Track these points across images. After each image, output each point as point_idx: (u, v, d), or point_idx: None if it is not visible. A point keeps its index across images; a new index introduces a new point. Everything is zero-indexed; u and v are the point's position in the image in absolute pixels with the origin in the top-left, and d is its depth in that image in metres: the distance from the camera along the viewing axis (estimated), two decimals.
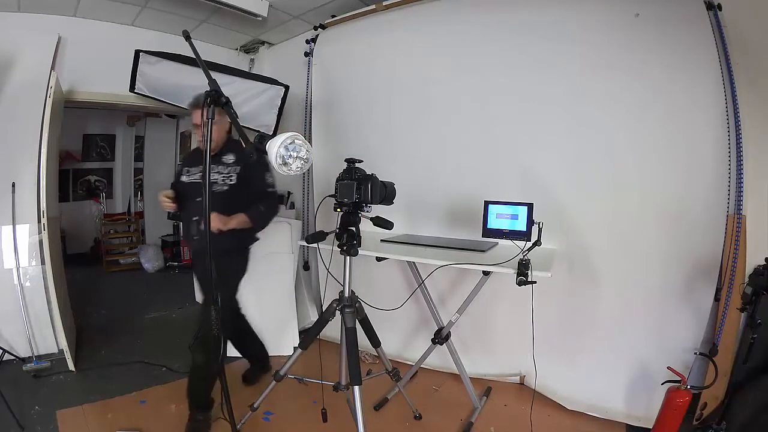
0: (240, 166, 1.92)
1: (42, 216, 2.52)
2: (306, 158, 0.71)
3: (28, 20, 2.71)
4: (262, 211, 1.96)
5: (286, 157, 0.70)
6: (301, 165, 0.71)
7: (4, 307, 2.63)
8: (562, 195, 2.16)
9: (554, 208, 2.09)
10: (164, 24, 3.08)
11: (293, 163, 0.71)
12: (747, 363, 1.70)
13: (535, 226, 1.70)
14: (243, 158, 1.91)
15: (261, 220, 1.99)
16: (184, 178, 2.03)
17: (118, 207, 6.19)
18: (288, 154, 0.70)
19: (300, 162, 0.72)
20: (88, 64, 2.93)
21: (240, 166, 1.92)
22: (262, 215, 1.97)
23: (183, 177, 2.04)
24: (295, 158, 0.70)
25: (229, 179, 1.92)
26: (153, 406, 2.21)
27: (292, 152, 0.70)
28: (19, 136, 2.65)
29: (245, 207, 1.91)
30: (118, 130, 6.13)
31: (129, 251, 5.58)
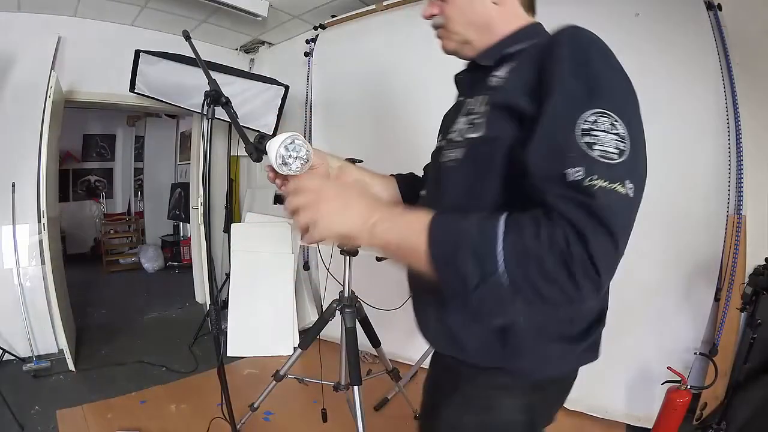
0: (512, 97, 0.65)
1: (42, 216, 2.52)
2: (306, 158, 0.71)
3: (28, 20, 2.71)
4: (527, 245, 0.52)
5: (286, 157, 0.70)
6: (300, 165, 0.71)
7: (4, 307, 2.63)
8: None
9: None
10: (164, 24, 3.08)
11: (293, 163, 0.71)
12: (747, 363, 1.70)
13: None
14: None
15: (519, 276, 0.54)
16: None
17: (118, 207, 6.19)
18: (288, 153, 0.70)
19: (300, 162, 0.71)
20: (88, 64, 2.93)
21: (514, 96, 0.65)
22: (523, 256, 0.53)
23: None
24: (295, 158, 0.70)
25: (470, 134, 0.69)
26: (153, 406, 2.21)
27: (292, 152, 0.69)
28: (19, 136, 2.65)
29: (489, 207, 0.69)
30: (118, 130, 6.12)
31: (129, 251, 5.58)
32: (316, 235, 0.60)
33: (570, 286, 0.47)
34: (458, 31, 0.74)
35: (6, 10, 2.64)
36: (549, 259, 0.47)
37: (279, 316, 2.89)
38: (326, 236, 0.60)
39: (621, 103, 0.54)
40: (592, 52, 0.57)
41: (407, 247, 0.56)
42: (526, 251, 0.48)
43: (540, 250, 0.47)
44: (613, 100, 0.53)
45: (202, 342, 3.00)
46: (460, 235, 0.52)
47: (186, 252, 5.22)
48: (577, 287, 0.47)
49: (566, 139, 0.51)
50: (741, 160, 1.79)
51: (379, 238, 0.58)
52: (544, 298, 0.49)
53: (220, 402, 1.73)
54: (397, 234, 0.57)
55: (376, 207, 0.60)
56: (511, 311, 0.54)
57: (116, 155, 6.18)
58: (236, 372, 2.61)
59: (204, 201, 1.68)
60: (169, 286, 4.58)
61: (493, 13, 0.72)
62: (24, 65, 2.66)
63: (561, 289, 0.48)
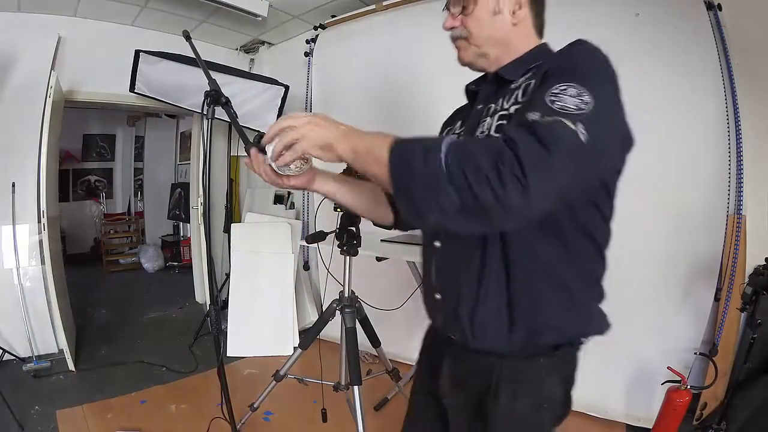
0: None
1: (42, 216, 2.53)
2: (306, 158, 0.71)
3: (28, 20, 2.71)
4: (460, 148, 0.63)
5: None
6: (300, 165, 0.72)
7: (4, 307, 2.63)
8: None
9: None
10: (164, 24, 3.08)
11: (292, 163, 0.71)
12: (747, 363, 1.70)
13: None
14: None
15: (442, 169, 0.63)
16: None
17: (118, 207, 6.19)
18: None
19: (300, 162, 0.72)
20: (88, 64, 2.93)
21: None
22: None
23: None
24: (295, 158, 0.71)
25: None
26: (153, 406, 2.21)
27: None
28: (19, 136, 2.65)
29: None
30: (118, 130, 6.13)
31: (129, 251, 5.59)
32: (299, 148, 0.69)
33: (497, 182, 0.53)
34: (480, 45, 0.82)
35: (6, 10, 2.64)
36: (482, 158, 0.55)
37: (279, 316, 2.89)
38: (308, 147, 0.69)
39: (594, 85, 0.61)
40: (582, 53, 0.68)
41: (373, 151, 0.65)
42: (465, 148, 0.58)
43: (477, 149, 0.57)
44: (586, 82, 0.61)
45: (202, 342, 3.00)
46: (416, 141, 0.63)
47: (186, 252, 5.22)
48: (503, 185, 0.53)
49: (535, 100, 0.62)
50: (741, 160, 1.79)
51: (352, 144, 0.68)
52: (474, 192, 0.55)
53: (220, 402, 1.74)
54: (367, 143, 0.67)
55: (348, 125, 0.71)
56: (444, 200, 0.58)
57: (116, 155, 6.18)
58: (236, 372, 2.61)
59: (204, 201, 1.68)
60: (169, 286, 4.58)
61: (510, 32, 0.81)
62: (24, 65, 2.66)
63: (489, 185, 0.54)
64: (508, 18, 0.81)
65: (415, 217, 0.63)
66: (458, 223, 0.60)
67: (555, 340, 0.78)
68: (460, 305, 0.79)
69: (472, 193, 0.55)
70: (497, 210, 0.55)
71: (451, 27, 0.84)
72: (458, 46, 0.85)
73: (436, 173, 0.57)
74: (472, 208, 0.56)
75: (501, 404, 0.77)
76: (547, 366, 0.78)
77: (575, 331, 0.80)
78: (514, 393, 0.77)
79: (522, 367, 0.77)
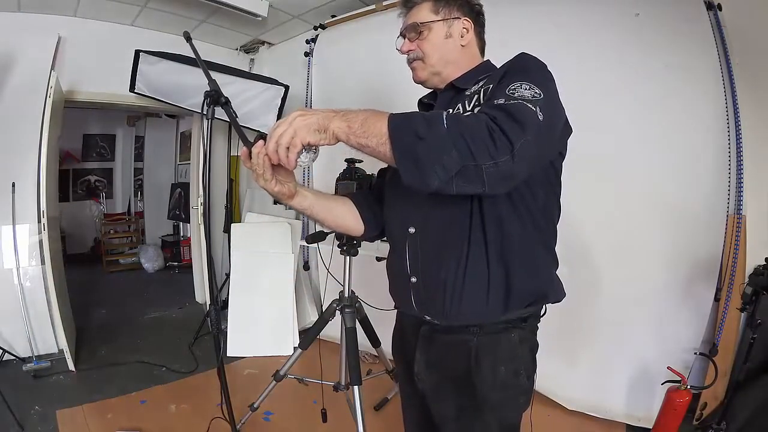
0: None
1: (42, 216, 2.52)
2: (309, 148, 0.74)
3: (28, 20, 2.71)
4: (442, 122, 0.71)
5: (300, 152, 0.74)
6: (311, 156, 0.75)
7: (4, 307, 2.63)
8: (562, 195, 2.16)
9: None
10: (164, 24, 3.08)
11: (303, 156, 0.74)
12: (747, 363, 1.70)
13: None
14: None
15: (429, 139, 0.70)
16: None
17: (118, 207, 6.19)
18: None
19: (310, 154, 0.75)
20: (88, 64, 2.93)
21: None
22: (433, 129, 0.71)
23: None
24: (307, 151, 0.74)
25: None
26: (153, 406, 2.21)
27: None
28: (19, 136, 2.65)
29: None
30: (118, 130, 6.13)
31: (129, 251, 5.58)
32: (297, 141, 0.72)
33: (492, 145, 0.66)
34: (434, 64, 0.96)
35: (6, 10, 2.64)
36: (476, 126, 0.68)
37: (279, 316, 2.89)
38: (305, 136, 0.72)
39: (540, 82, 0.76)
40: (527, 60, 0.84)
41: (369, 126, 0.71)
42: (461, 119, 0.70)
43: (470, 120, 0.70)
44: (534, 80, 0.76)
45: (202, 342, 3.00)
46: (414, 114, 0.73)
47: (186, 252, 5.22)
48: (496, 147, 0.66)
49: (498, 93, 0.75)
50: (741, 160, 1.79)
51: (346, 120, 0.72)
52: (473, 153, 0.66)
53: (220, 402, 1.74)
54: (361, 118, 0.72)
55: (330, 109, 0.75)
56: (447, 161, 0.67)
57: (116, 155, 6.18)
58: (236, 372, 2.61)
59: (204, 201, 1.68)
60: (169, 286, 4.58)
61: (459, 52, 0.97)
62: (24, 65, 2.66)
63: (486, 147, 0.66)
64: (457, 41, 0.96)
65: (419, 181, 0.70)
66: (458, 185, 0.69)
67: (524, 304, 0.89)
68: (441, 284, 0.88)
69: (471, 155, 0.66)
70: (491, 169, 0.67)
71: (408, 50, 0.98)
72: (414, 66, 0.99)
73: (441, 138, 0.67)
74: (471, 168, 0.67)
75: (484, 374, 0.88)
76: (519, 337, 0.90)
77: (540, 295, 0.92)
78: (494, 362, 0.88)
79: (497, 339, 0.89)
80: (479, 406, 0.89)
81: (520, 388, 0.91)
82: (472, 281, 0.85)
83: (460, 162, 0.66)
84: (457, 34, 0.96)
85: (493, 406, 0.89)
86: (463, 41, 0.97)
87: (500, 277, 0.85)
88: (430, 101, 1.04)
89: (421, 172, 0.68)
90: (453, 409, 0.93)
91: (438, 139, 0.66)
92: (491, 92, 0.81)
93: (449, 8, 0.95)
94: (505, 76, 0.80)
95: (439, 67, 0.96)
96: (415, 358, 0.98)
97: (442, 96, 1.00)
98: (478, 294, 0.86)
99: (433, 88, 1.03)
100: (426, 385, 0.97)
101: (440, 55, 0.95)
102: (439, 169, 0.67)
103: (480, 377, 0.88)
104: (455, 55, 0.97)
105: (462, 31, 0.96)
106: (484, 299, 0.86)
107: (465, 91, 0.93)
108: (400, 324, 1.11)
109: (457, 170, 0.67)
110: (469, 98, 0.89)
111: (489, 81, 0.87)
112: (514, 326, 0.89)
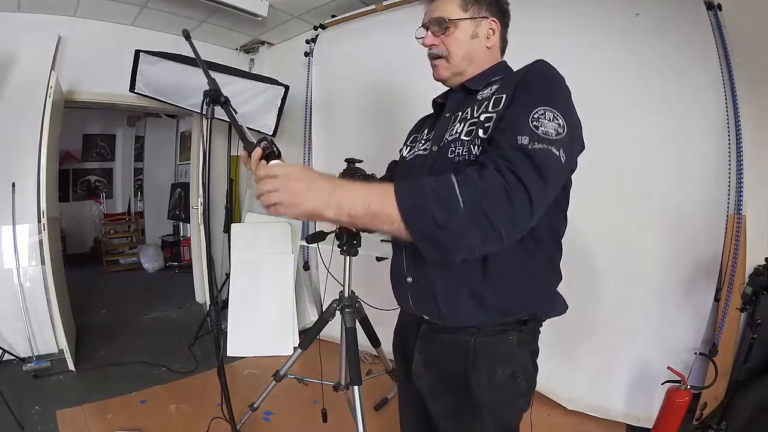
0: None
1: (42, 216, 2.52)
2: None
3: (28, 20, 2.71)
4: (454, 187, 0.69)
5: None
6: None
7: (4, 307, 2.63)
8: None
9: None
10: (164, 24, 3.08)
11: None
12: (747, 363, 1.70)
13: None
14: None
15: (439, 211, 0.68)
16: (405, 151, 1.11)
17: (118, 207, 6.19)
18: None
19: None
20: (88, 64, 2.93)
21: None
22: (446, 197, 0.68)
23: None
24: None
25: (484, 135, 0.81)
26: (153, 406, 2.21)
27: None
28: (19, 136, 2.65)
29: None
30: (118, 130, 6.13)
31: (129, 251, 5.58)
32: (284, 212, 0.69)
33: (508, 205, 0.65)
34: (457, 65, 0.93)
35: (6, 10, 2.63)
36: (493, 190, 0.66)
37: (279, 316, 2.89)
38: (294, 215, 0.69)
39: (562, 107, 0.74)
40: (548, 74, 0.81)
41: (375, 212, 0.68)
42: (477, 187, 0.66)
43: (487, 185, 0.66)
44: (556, 104, 0.74)
45: (202, 342, 3.00)
46: (425, 191, 0.67)
47: (186, 252, 5.22)
48: (513, 205, 0.65)
49: (520, 122, 0.72)
50: (741, 160, 1.79)
51: (346, 211, 0.68)
52: (494, 225, 0.66)
53: (220, 402, 1.73)
54: (363, 204, 0.68)
55: (337, 183, 0.70)
56: (470, 240, 0.67)
57: (116, 155, 6.19)
58: (236, 372, 2.61)
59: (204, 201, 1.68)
60: (169, 286, 4.58)
61: (483, 53, 0.94)
62: (24, 65, 2.66)
63: (502, 209, 0.65)
64: (483, 42, 0.93)
65: (441, 259, 0.70)
66: (480, 250, 0.70)
67: (518, 316, 0.88)
68: (434, 288, 0.87)
69: (492, 226, 0.66)
70: (510, 229, 0.67)
71: (431, 45, 0.93)
72: (436, 64, 0.95)
73: (461, 221, 0.65)
74: (491, 236, 0.67)
75: (481, 375, 0.87)
76: (517, 339, 0.88)
77: (540, 313, 0.91)
78: (492, 364, 0.87)
79: (495, 341, 0.87)
80: (476, 406, 0.89)
81: (518, 390, 0.89)
82: (463, 288, 0.85)
83: (481, 237, 0.66)
84: (483, 34, 0.92)
85: (490, 407, 0.89)
86: (489, 42, 0.93)
87: (493, 288, 0.84)
88: (444, 101, 1.01)
89: (444, 254, 0.68)
90: (450, 408, 0.93)
91: (458, 223, 0.65)
92: (505, 108, 0.77)
93: (478, 6, 0.91)
94: (522, 86, 0.77)
95: (463, 67, 0.93)
96: (413, 357, 0.98)
97: (453, 97, 0.97)
98: (470, 302, 0.85)
99: (451, 86, 0.99)
100: (424, 384, 0.97)
101: (464, 55, 0.92)
102: (463, 248, 0.68)
103: (476, 378, 0.87)
104: (479, 56, 0.93)
105: (488, 32, 0.93)
106: (476, 306, 0.85)
107: (476, 94, 0.90)
108: (402, 321, 1.11)
109: (481, 242, 0.67)
110: (479, 103, 0.85)
111: (503, 87, 0.83)
112: (513, 329, 0.88)
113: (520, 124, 0.71)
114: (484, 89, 0.90)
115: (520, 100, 0.75)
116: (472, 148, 0.80)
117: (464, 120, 0.86)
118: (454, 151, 0.83)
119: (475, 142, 0.80)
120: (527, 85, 0.78)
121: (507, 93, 0.80)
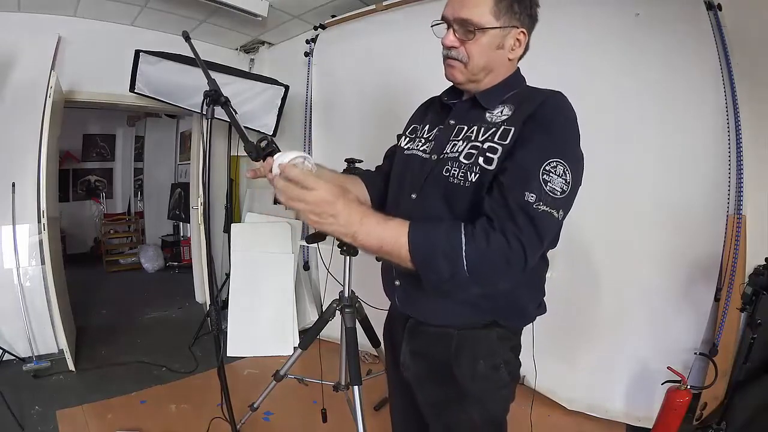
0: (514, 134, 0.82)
1: (42, 216, 2.52)
2: (309, 167, 0.79)
3: (28, 20, 2.71)
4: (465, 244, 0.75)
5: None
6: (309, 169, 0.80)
7: (4, 307, 2.63)
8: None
9: None
10: (164, 24, 3.08)
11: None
12: (747, 363, 1.70)
13: None
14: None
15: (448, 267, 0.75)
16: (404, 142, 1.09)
17: (118, 207, 6.19)
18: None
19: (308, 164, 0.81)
20: (88, 64, 2.92)
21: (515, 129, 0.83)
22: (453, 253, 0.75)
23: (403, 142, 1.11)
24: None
25: (485, 165, 0.82)
26: (153, 406, 2.21)
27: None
28: (19, 136, 2.64)
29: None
30: (118, 130, 6.12)
31: (129, 251, 5.58)
32: (302, 219, 0.77)
33: (506, 268, 0.74)
34: (476, 73, 0.88)
35: (6, 10, 2.63)
36: (495, 256, 0.73)
37: (279, 316, 2.89)
38: (311, 224, 0.77)
39: (572, 157, 0.78)
40: (562, 117, 0.82)
41: (389, 249, 0.77)
42: (483, 254, 0.73)
43: (489, 250, 0.73)
44: (567, 155, 0.77)
45: (202, 342, 3.00)
46: (435, 244, 0.75)
47: (186, 252, 5.21)
48: (510, 266, 0.74)
49: (532, 172, 0.75)
50: (741, 160, 1.79)
51: (360, 243, 0.77)
52: (490, 281, 0.78)
53: (220, 402, 1.74)
54: (377, 239, 0.76)
55: (359, 217, 0.76)
56: (471, 292, 0.81)
57: (116, 155, 6.18)
58: (236, 372, 2.61)
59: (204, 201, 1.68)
60: (169, 286, 4.58)
61: (504, 66, 0.90)
62: (24, 65, 2.66)
63: (502, 272, 0.75)
64: (506, 53, 0.88)
65: (441, 296, 0.85)
66: (477, 296, 0.85)
67: (500, 320, 0.93)
68: (420, 292, 0.88)
69: (490, 283, 0.78)
70: (504, 283, 0.80)
71: (452, 46, 0.86)
72: (452, 65, 0.89)
73: (465, 282, 0.74)
74: (489, 287, 0.81)
75: (464, 367, 0.91)
76: (499, 335, 0.93)
77: (526, 320, 0.98)
78: (474, 357, 0.91)
79: (477, 335, 0.92)
80: (460, 396, 0.92)
81: (501, 381, 0.93)
82: (447, 299, 0.89)
83: (479, 289, 0.80)
84: (509, 46, 0.86)
85: (474, 397, 0.92)
86: (512, 54, 0.88)
87: (478, 302, 0.89)
88: (450, 102, 0.97)
89: (445, 296, 0.85)
90: (436, 397, 0.97)
91: (461, 283, 0.74)
92: (521, 154, 0.77)
93: (511, 15, 0.83)
94: (536, 124, 0.79)
95: (481, 76, 0.88)
96: (401, 349, 1.02)
97: (461, 105, 0.95)
98: (455, 309, 0.90)
99: (465, 90, 0.94)
100: (411, 374, 1.00)
101: (485, 65, 0.86)
102: (462, 295, 0.83)
103: (459, 368, 0.91)
104: (498, 68, 0.88)
105: (515, 43, 0.87)
106: (458, 314, 0.91)
107: (485, 111, 0.88)
108: (390, 315, 1.15)
109: (479, 294, 0.83)
110: (486, 127, 0.85)
111: (512, 117, 0.83)
112: (495, 325, 0.92)
113: (530, 176, 0.74)
114: (494, 109, 0.88)
115: (535, 143, 0.77)
116: (468, 174, 0.82)
117: (467, 139, 0.87)
118: (450, 170, 0.85)
119: (473, 169, 0.82)
120: (544, 126, 0.79)
121: (515, 126, 0.80)
